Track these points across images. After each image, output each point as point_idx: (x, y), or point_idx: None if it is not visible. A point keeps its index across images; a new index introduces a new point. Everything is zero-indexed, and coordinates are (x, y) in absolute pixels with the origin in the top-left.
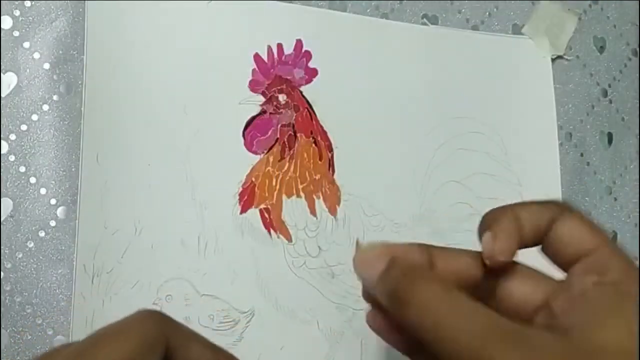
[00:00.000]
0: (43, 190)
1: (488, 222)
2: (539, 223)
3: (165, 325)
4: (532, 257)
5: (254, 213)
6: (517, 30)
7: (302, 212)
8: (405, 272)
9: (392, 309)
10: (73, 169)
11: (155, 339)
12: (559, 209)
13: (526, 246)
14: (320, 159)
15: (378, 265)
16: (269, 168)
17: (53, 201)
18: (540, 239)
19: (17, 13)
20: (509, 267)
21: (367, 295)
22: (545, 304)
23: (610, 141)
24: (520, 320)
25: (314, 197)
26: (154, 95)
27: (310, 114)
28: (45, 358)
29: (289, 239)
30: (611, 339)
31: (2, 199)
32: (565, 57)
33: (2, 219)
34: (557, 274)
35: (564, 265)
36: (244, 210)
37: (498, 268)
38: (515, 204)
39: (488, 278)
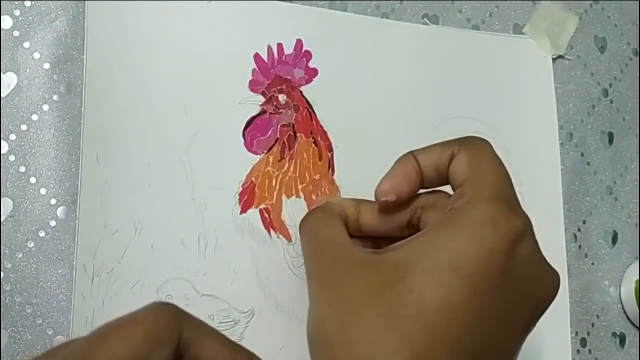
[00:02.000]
0: (43, 190)
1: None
2: (439, 162)
3: (177, 320)
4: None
5: (253, 213)
6: (517, 29)
7: (302, 212)
8: (311, 210)
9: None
10: (73, 169)
11: (166, 333)
12: (459, 146)
13: (433, 185)
14: (320, 159)
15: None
16: (269, 168)
17: (53, 201)
18: (446, 177)
19: (17, 13)
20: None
21: None
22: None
23: (610, 141)
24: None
25: (314, 197)
26: (154, 95)
27: (310, 114)
28: (52, 353)
29: (289, 239)
30: (398, 255)
31: (2, 199)
32: (566, 56)
33: (2, 219)
34: None
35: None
36: (243, 210)
37: (393, 207)
38: (419, 149)
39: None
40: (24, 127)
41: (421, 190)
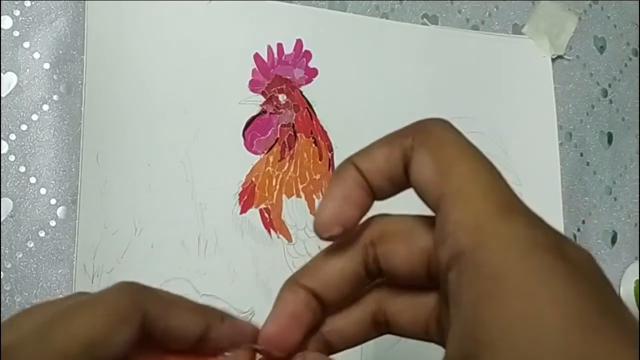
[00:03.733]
0: (43, 190)
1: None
2: (390, 168)
3: (141, 295)
4: None
5: (254, 213)
6: (517, 30)
7: (302, 212)
8: None
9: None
10: (73, 169)
11: (128, 311)
12: (412, 142)
13: (389, 196)
14: (320, 159)
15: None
16: (269, 168)
17: (53, 201)
18: (405, 182)
19: (17, 13)
20: (378, 234)
21: None
22: (431, 260)
23: (610, 141)
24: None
25: (314, 197)
26: (154, 95)
27: (310, 114)
28: (18, 319)
29: (289, 239)
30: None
31: (2, 199)
32: (566, 57)
33: (2, 219)
34: None
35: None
36: (244, 210)
37: (364, 240)
38: (360, 151)
39: (368, 259)
40: (24, 127)
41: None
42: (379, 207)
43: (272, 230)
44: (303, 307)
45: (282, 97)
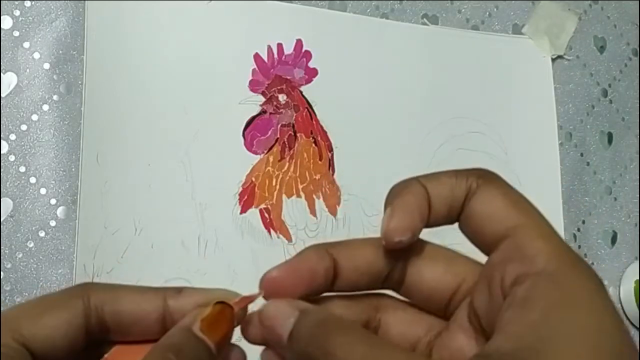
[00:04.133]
0: (43, 190)
1: (391, 197)
2: (453, 197)
3: (83, 286)
4: None
5: (254, 213)
6: (517, 30)
7: (302, 212)
8: (318, 326)
9: None
10: (73, 169)
11: (63, 298)
12: (477, 179)
13: (438, 224)
14: (320, 159)
15: (286, 324)
16: (269, 168)
17: (53, 201)
18: (457, 216)
19: (17, 13)
20: (418, 249)
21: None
22: (460, 288)
23: (610, 141)
24: (438, 309)
25: (314, 197)
26: (154, 95)
27: (310, 114)
28: None
29: (289, 239)
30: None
31: (2, 199)
32: (566, 57)
33: (2, 219)
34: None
35: (484, 249)
36: (244, 210)
37: (400, 250)
38: (427, 175)
39: (398, 264)
40: (24, 127)
41: None
42: None
43: (272, 230)
44: (321, 271)
45: (282, 97)
